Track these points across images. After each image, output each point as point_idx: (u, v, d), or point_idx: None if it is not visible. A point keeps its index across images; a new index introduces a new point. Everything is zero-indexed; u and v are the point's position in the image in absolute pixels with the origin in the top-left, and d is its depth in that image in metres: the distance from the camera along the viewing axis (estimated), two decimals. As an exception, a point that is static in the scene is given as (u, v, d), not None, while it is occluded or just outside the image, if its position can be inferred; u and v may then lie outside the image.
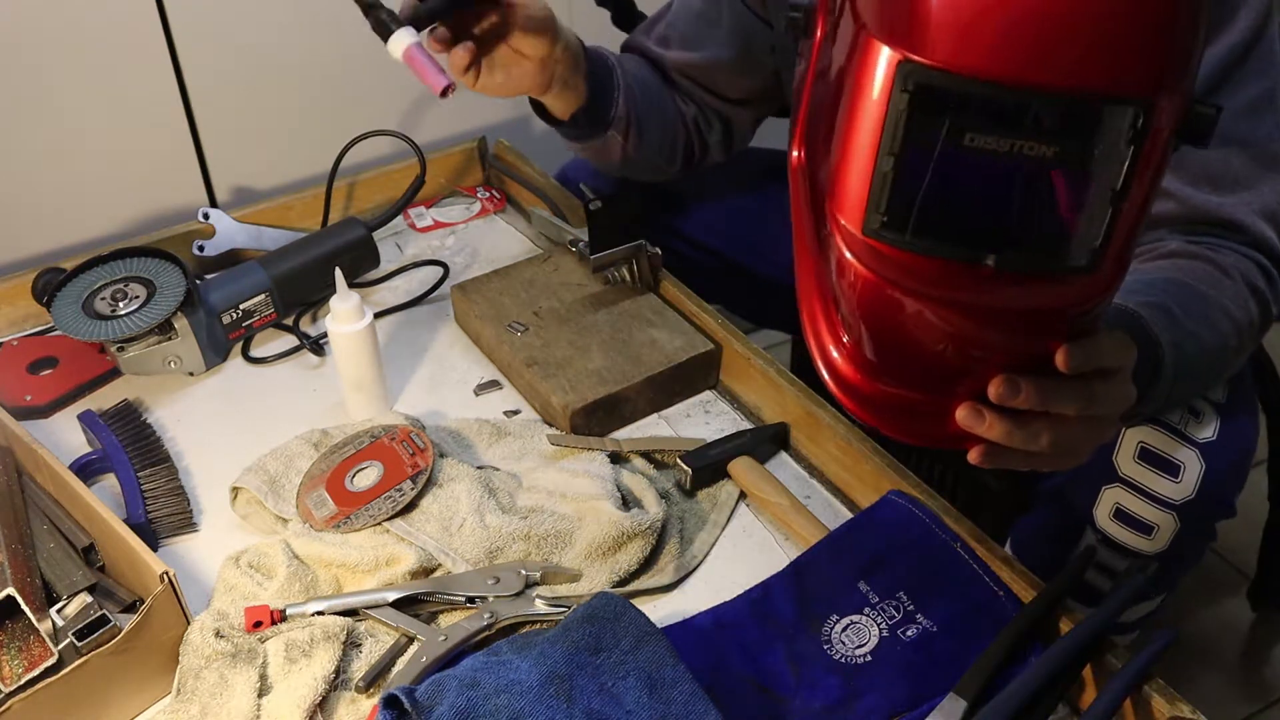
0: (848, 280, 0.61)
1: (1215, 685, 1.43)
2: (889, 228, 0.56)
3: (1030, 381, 0.61)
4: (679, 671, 0.76)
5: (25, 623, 0.79)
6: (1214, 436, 0.91)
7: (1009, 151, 0.53)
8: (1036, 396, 0.61)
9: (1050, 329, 0.61)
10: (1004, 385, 0.61)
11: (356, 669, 0.82)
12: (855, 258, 0.59)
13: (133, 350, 1.10)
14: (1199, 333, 0.79)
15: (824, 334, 0.67)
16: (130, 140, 1.33)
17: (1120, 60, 0.51)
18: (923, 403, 0.65)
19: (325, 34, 1.38)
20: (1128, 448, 0.93)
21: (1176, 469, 0.91)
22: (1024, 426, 0.63)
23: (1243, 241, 0.86)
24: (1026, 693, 0.73)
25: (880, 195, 0.55)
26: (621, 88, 1.10)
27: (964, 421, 0.63)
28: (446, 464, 0.97)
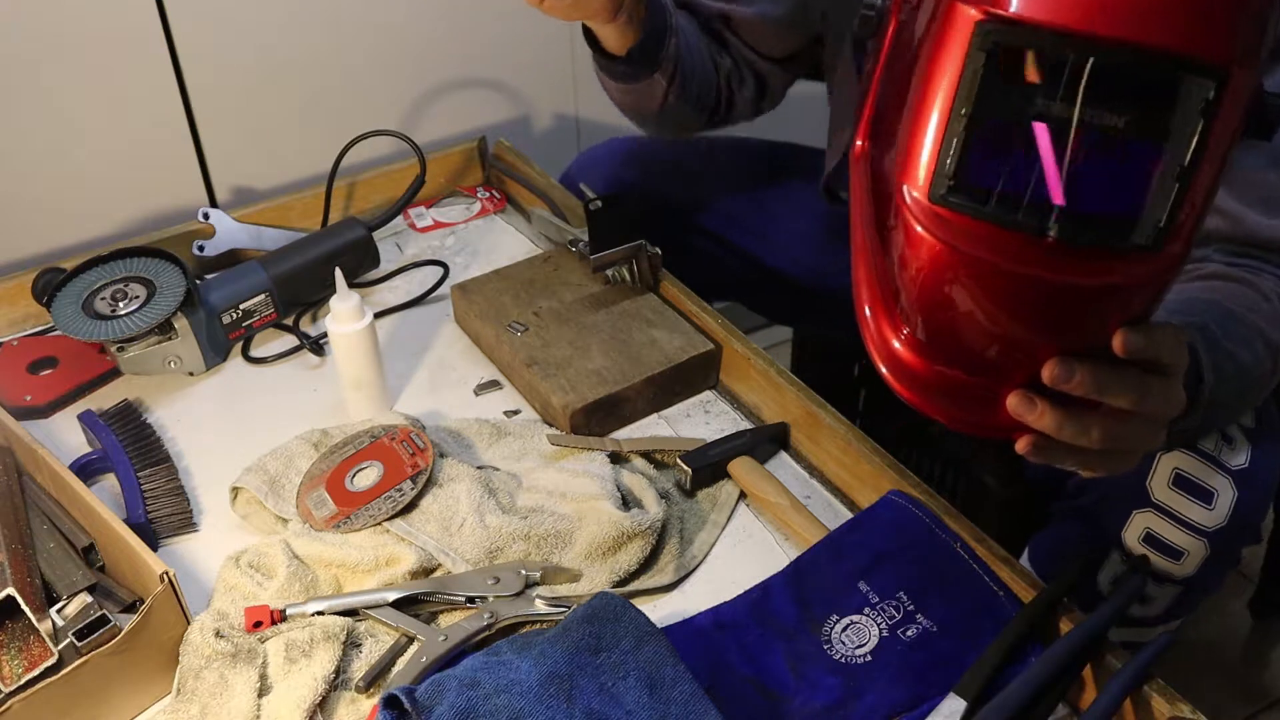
0: (912, 253, 0.60)
1: (1215, 686, 1.43)
2: (955, 192, 0.56)
3: (1086, 366, 0.60)
4: (679, 671, 0.76)
5: (25, 623, 0.79)
6: (1247, 464, 0.90)
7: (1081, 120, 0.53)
8: (1091, 381, 0.60)
9: (1108, 311, 0.60)
10: (1059, 366, 0.59)
11: (356, 669, 0.82)
12: (921, 226, 0.58)
13: (133, 350, 1.10)
14: (1236, 354, 0.78)
15: (882, 320, 0.65)
16: (130, 140, 1.33)
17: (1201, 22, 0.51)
18: (976, 387, 0.64)
19: (325, 34, 1.38)
20: (1162, 473, 0.92)
21: (1210, 496, 0.90)
22: (1075, 418, 0.62)
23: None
24: (1026, 693, 0.73)
25: (949, 158, 0.56)
26: (673, 29, 1.08)
27: (1015, 408, 0.62)
28: (446, 464, 0.97)
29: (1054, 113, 0.53)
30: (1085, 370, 0.60)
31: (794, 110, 1.51)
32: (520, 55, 1.51)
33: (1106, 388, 0.61)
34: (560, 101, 1.58)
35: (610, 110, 1.64)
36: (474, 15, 1.46)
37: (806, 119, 1.47)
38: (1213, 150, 0.55)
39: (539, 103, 1.57)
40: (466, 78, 1.50)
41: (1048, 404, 0.61)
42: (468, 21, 1.46)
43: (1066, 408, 0.62)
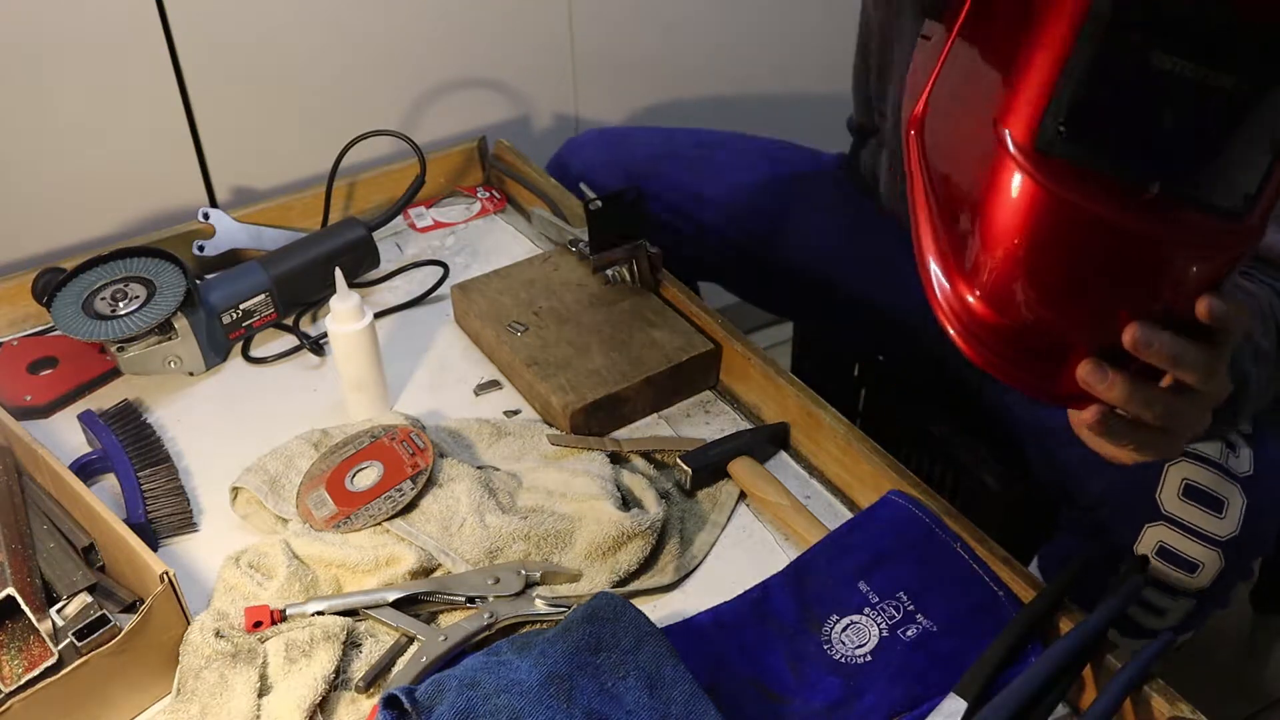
0: (1005, 199, 0.60)
1: (1215, 686, 1.43)
2: (1063, 139, 0.56)
3: (1166, 333, 0.59)
4: (679, 671, 0.76)
5: (25, 623, 0.79)
6: (1251, 470, 0.90)
7: (1191, 78, 0.54)
8: (1170, 349, 0.60)
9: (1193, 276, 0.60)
10: (1142, 330, 0.59)
11: (356, 669, 0.82)
12: (1021, 171, 0.58)
13: (133, 350, 1.10)
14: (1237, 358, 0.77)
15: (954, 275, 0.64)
16: (130, 140, 1.33)
17: None
18: (1047, 349, 0.63)
19: (325, 34, 1.38)
20: (1172, 484, 0.92)
21: (1221, 505, 0.90)
22: (1142, 390, 0.61)
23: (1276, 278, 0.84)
24: (1026, 693, 0.73)
25: (1061, 104, 0.56)
26: None
27: (1086, 376, 0.61)
28: (446, 464, 0.97)
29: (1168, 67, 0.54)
30: (1165, 338, 0.60)
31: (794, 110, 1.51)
32: (520, 55, 1.51)
33: (1181, 358, 0.60)
34: (560, 101, 1.58)
35: (610, 110, 1.64)
36: (474, 15, 1.46)
37: (806, 120, 1.47)
38: None
39: (539, 103, 1.57)
40: (466, 78, 1.50)
41: (1118, 374, 0.61)
42: (468, 21, 1.46)
43: (1134, 380, 0.61)
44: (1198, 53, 0.54)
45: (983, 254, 0.62)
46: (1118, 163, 0.56)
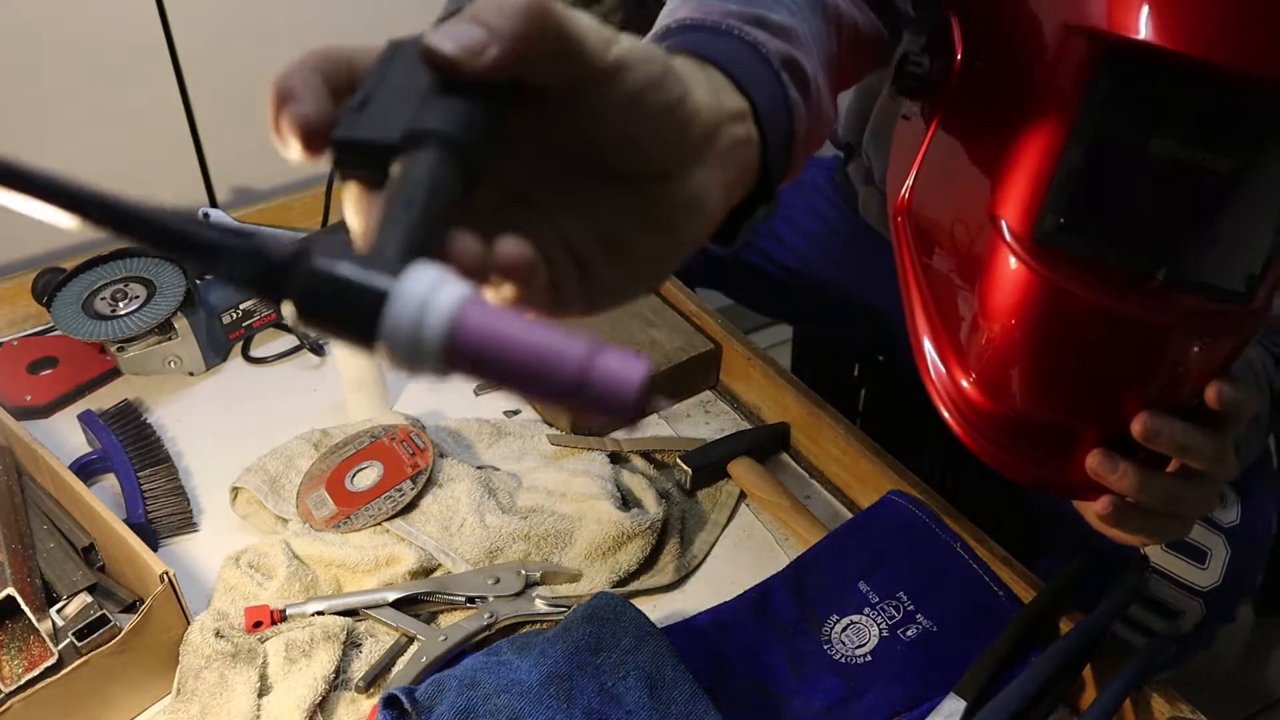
0: (1001, 289, 0.58)
1: (1215, 686, 1.43)
2: (1064, 230, 0.55)
3: (1176, 422, 0.58)
4: (679, 671, 0.76)
5: (25, 623, 0.79)
6: (1237, 520, 0.90)
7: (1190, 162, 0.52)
8: (1180, 438, 0.59)
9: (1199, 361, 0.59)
10: (1151, 419, 0.58)
11: (356, 669, 0.82)
12: (1018, 261, 0.57)
13: (133, 350, 1.10)
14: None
15: (951, 362, 0.63)
16: (130, 140, 1.33)
17: None
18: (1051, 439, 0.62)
19: (325, 35, 1.38)
20: None
21: (1204, 555, 0.90)
22: (1152, 479, 0.60)
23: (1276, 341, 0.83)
24: (1026, 693, 0.73)
25: (1060, 196, 0.54)
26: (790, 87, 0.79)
27: (1096, 468, 0.60)
28: (446, 464, 0.97)
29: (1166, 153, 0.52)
30: (1176, 427, 0.58)
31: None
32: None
33: (1190, 447, 0.59)
34: (560, 101, 1.58)
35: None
36: (474, 15, 1.46)
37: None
38: None
39: (539, 103, 1.57)
40: (466, 78, 1.50)
41: (1129, 464, 0.60)
42: (468, 21, 1.46)
43: (1144, 469, 0.60)
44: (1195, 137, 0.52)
45: (980, 342, 0.61)
46: (1119, 252, 0.55)
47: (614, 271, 0.42)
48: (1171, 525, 0.65)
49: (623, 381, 0.31)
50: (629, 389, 0.31)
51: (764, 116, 0.47)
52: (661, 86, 0.40)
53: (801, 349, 1.56)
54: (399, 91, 0.36)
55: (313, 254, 0.32)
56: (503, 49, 0.35)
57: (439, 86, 0.36)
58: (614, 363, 0.31)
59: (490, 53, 0.35)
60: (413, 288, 0.31)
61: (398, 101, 0.36)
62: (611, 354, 0.31)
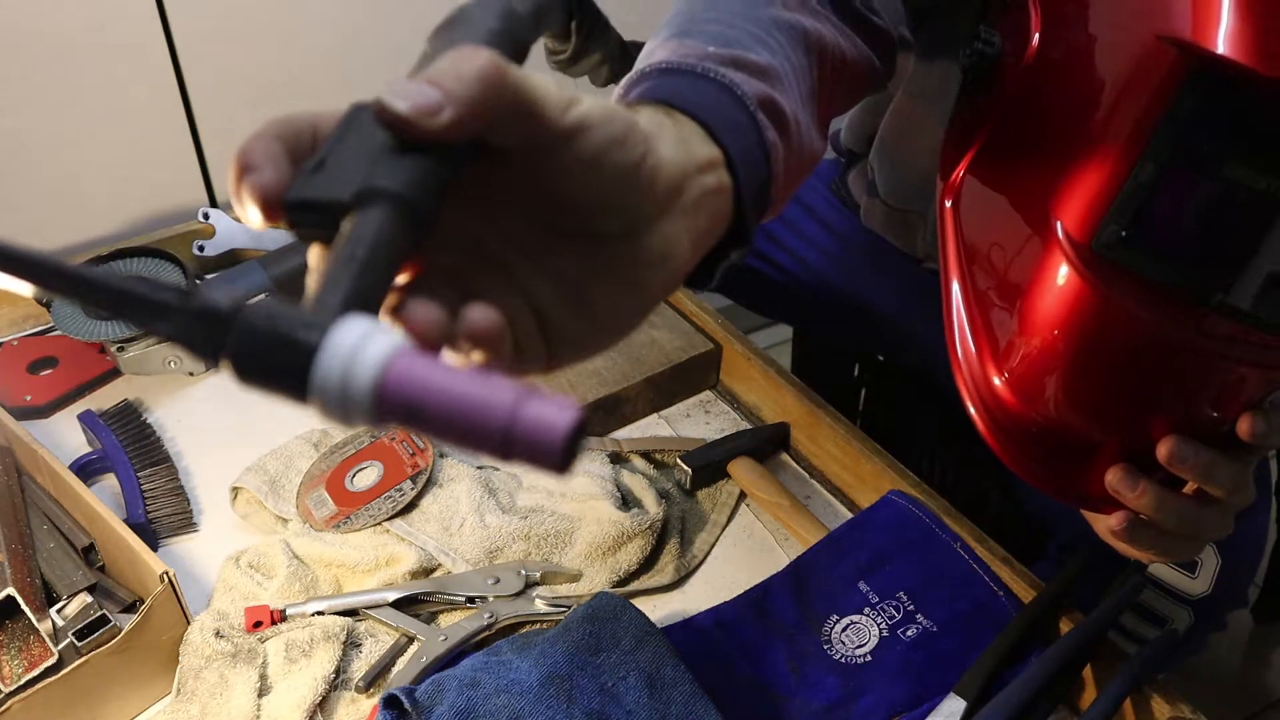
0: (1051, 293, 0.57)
1: (1215, 686, 1.43)
2: (1124, 243, 0.54)
3: (1204, 448, 0.58)
4: (679, 671, 0.76)
5: (25, 623, 0.79)
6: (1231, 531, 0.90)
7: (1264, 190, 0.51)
8: (1204, 465, 0.58)
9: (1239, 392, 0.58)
10: (1180, 445, 0.57)
11: (356, 669, 0.82)
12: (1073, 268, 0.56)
13: (133, 350, 1.10)
14: None
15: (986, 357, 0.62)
16: (130, 140, 1.33)
17: None
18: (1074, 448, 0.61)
19: (325, 35, 1.38)
20: None
21: (1195, 565, 0.90)
22: (1170, 500, 0.60)
23: None
24: (1026, 693, 0.73)
25: (1126, 208, 0.53)
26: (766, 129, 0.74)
27: (1116, 483, 0.60)
28: (446, 464, 0.97)
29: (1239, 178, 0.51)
30: (1202, 454, 0.58)
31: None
32: (520, 55, 1.51)
33: (1213, 472, 0.59)
34: (560, 101, 1.58)
35: (610, 110, 1.63)
36: (474, 15, 1.46)
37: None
38: None
39: (539, 103, 1.57)
40: (466, 78, 1.50)
41: (1149, 483, 0.60)
42: (468, 21, 1.46)
43: (1165, 490, 0.60)
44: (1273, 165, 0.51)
45: (1018, 341, 0.60)
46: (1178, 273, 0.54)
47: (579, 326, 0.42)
48: (1183, 546, 0.64)
49: (550, 428, 0.30)
50: (556, 436, 0.30)
51: (737, 163, 0.46)
52: (623, 145, 0.40)
53: (801, 349, 1.56)
54: (355, 151, 0.36)
55: (247, 311, 0.32)
56: (457, 112, 0.35)
57: (394, 146, 0.36)
58: (543, 410, 0.30)
59: (445, 115, 0.35)
60: (342, 340, 0.31)
61: (352, 161, 0.36)
62: (540, 401, 0.31)
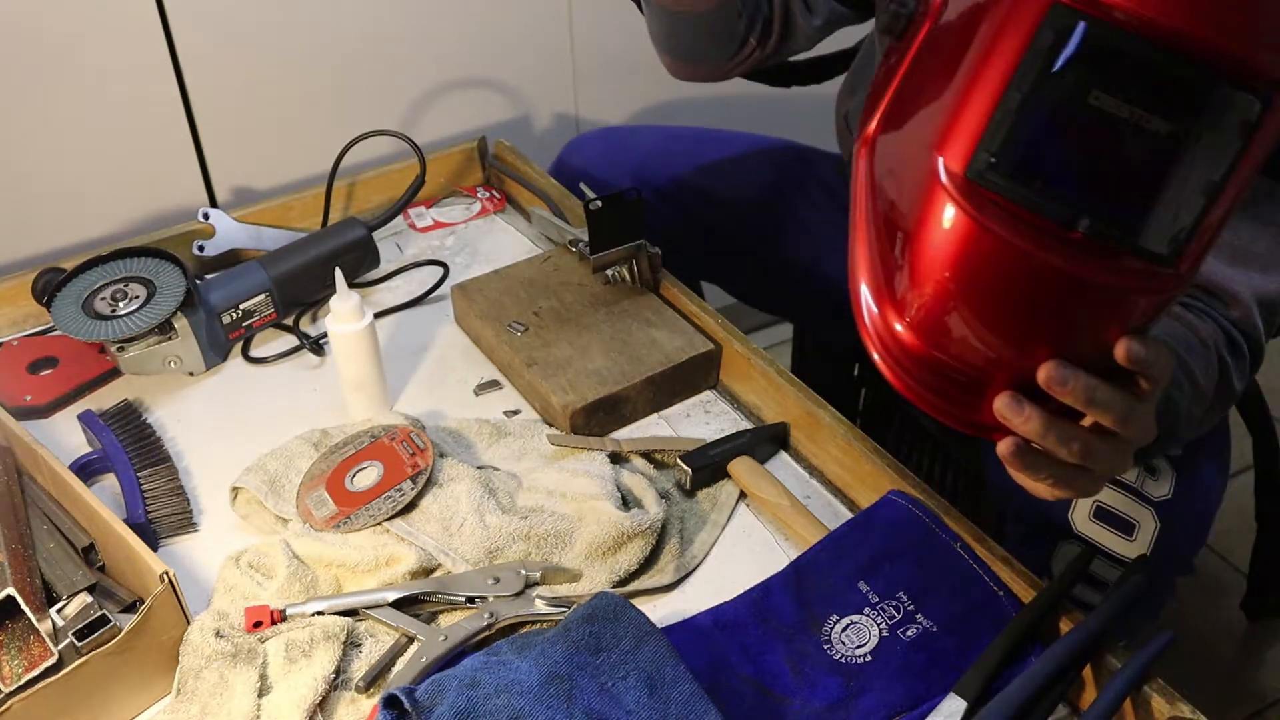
0: (934, 227, 0.60)
1: (1215, 686, 1.43)
2: (994, 170, 0.56)
3: (1082, 373, 0.59)
4: (679, 671, 0.76)
5: (25, 623, 0.79)
6: (1169, 495, 0.91)
7: (1127, 119, 0.53)
8: (1084, 389, 0.60)
9: (1115, 317, 0.60)
10: (1057, 368, 0.59)
11: (356, 669, 0.82)
12: (952, 200, 0.58)
13: (133, 350, 1.10)
14: (1173, 395, 0.78)
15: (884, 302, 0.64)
16: (130, 140, 1.33)
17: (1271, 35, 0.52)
18: (968, 380, 0.63)
19: (325, 34, 1.38)
20: (1083, 507, 0.93)
21: (1131, 527, 0.92)
22: (1059, 427, 0.61)
23: (1230, 316, 0.85)
24: (1026, 693, 0.73)
25: (995, 135, 0.56)
26: None
27: (1002, 409, 0.61)
28: (446, 464, 0.97)
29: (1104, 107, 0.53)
30: (1080, 377, 0.60)
31: (795, 110, 1.51)
32: (520, 55, 1.52)
33: (1095, 399, 0.60)
34: (560, 101, 1.58)
35: (610, 110, 1.64)
36: (474, 15, 1.46)
37: (807, 119, 1.47)
38: (1242, 171, 0.55)
39: (539, 103, 1.57)
40: (466, 78, 1.50)
41: (1034, 409, 0.61)
42: (468, 21, 1.46)
43: (1051, 416, 0.61)
44: (1136, 95, 0.54)
45: (911, 282, 0.62)
46: (1045, 199, 0.56)
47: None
48: (1079, 477, 0.65)
49: None
50: None
51: None
52: None
53: (801, 349, 1.56)
54: None
55: None
56: None
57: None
58: None
59: None
60: None
61: None
62: None
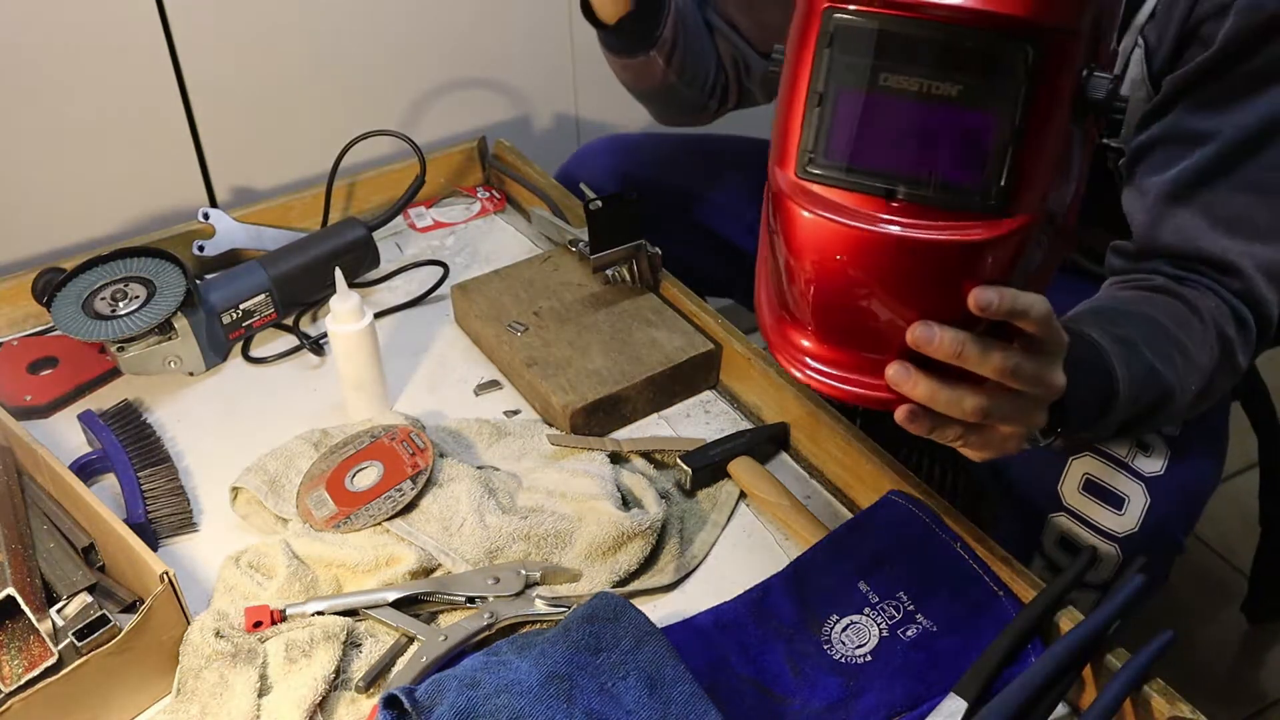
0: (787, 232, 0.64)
1: (1215, 686, 1.43)
2: (816, 165, 0.62)
3: (948, 329, 0.62)
4: (679, 671, 0.76)
5: (25, 623, 0.79)
6: (1162, 471, 0.92)
7: (919, 91, 0.58)
8: (951, 344, 0.62)
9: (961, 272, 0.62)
10: (920, 329, 0.62)
11: (356, 669, 0.82)
12: (792, 202, 0.63)
13: (133, 350, 1.10)
14: (1158, 369, 0.79)
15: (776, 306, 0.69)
16: (130, 140, 1.33)
17: None
18: (861, 363, 0.66)
19: (325, 34, 1.38)
20: (1073, 478, 0.94)
21: (1120, 501, 0.92)
22: (949, 388, 0.63)
23: (1232, 288, 0.85)
24: (1026, 693, 0.73)
25: (809, 135, 0.61)
26: (672, 10, 1.09)
27: (892, 378, 0.64)
28: (446, 464, 0.97)
29: (895, 85, 0.58)
30: (946, 334, 0.62)
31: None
32: (520, 55, 1.52)
33: (968, 354, 0.62)
34: (560, 101, 1.58)
35: (610, 110, 1.64)
36: (474, 15, 1.46)
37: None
38: (1042, 113, 0.59)
39: (539, 103, 1.57)
40: (466, 78, 1.50)
41: (921, 374, 0.63)
42: (468, 21, 1.46)
43: (941, 378, 0.64)
44: (919, 67, 0.58)
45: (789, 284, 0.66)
46: (864, 178, 0.60)
47: None
48: (986, 436, 0.68)
49: None
50: None
51: None
52: None
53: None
54: None
55: None
56: None
57: None
58: None
59: None
60: None
61: None
62: None
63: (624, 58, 1.13)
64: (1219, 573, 1.57)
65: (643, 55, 1.11)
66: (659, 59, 1.11)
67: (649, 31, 1.09)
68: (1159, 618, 1.06)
